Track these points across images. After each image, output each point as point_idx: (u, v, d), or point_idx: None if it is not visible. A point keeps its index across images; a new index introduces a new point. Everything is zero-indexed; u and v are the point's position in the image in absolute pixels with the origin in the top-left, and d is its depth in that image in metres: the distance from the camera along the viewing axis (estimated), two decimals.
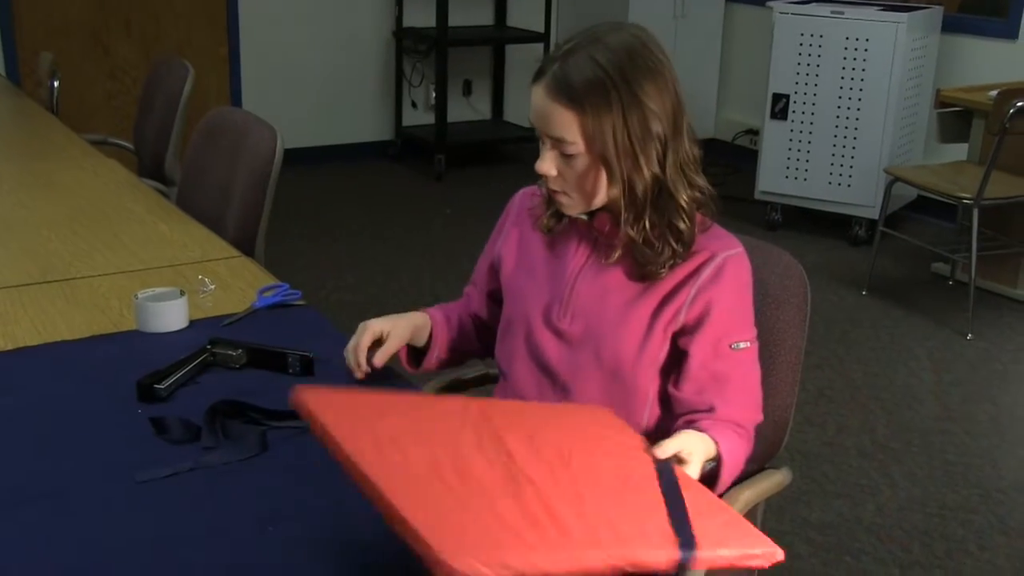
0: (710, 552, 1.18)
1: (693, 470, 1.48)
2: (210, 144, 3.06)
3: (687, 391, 1.65)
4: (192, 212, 2.79)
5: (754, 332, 1.67)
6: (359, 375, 1.72)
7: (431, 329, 1.84)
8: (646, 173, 1.58)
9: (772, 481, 1.83)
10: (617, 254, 1.66)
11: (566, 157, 1.58)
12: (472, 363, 2.05)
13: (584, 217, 1.69)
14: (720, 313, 1.62)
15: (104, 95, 6.05)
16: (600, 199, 1.62)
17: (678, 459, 1.47)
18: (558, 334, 1.70)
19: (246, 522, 1.37)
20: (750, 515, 1.86)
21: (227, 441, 1.58)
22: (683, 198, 1.61)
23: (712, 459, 1.56)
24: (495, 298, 1.87)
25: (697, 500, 1.30)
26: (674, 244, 1.61)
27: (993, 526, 3.03)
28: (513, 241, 1.78)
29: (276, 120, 2.88)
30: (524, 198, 1.82)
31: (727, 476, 1.59)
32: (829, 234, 5.49)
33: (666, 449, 1.45)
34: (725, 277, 1.62)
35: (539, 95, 1.57)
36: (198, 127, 3.14)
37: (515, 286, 1.77)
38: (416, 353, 1.86)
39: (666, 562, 1.16)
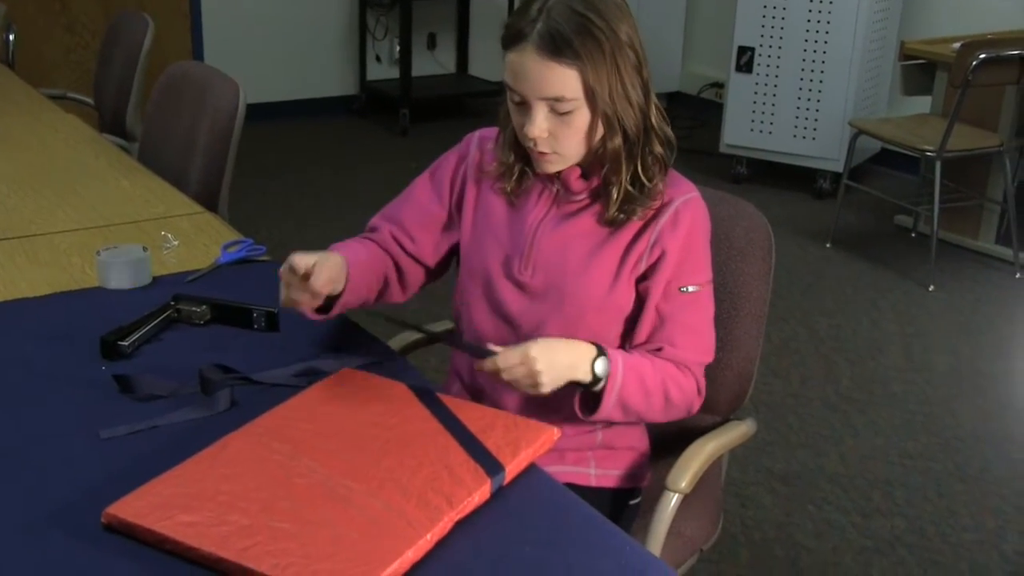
0: (513, 463, 1.36)
1: (547, 377, 1.52)
2: (171, 99, 3.02)
3: (639, 335, 1.67)
4: (154, 168, 2.76)
5: (708, 275, 1.68)
6: (309, 305, 1.61)
7: (347, 274, 1.69)
8: (637, 117, 1.59)
9: (737, 432, 1.84)
10: (583, 204, 1.66)
11: (561, 115, 1.56)
12: (440, 319, 2.05)
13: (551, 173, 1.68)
14: (673, 257, 1.63)
15: (62, 49, 5.95)
16: (592, 151, 1.61)
17: (527, 370, 1.51)
18: (519, 286, 1.70)
19: None
20: (715, 466, 1.88)
21: (194, 398, 1.57)
22: (660, 140, 1.62)
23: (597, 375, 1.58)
24: (422, 244, 1.80)
25: (474, 420, 1.45)
26: (650, 187, 1.62)
27: (952, 473, 3.07)
28: (471, 195, 1.77)
29: (238, 74, 2.85)
30: (479, 154, 1.77)
31: (621, 391, 1.59)
32: (794, 187, 5.51)
33: (507, 358, 1.51)
34: (681, 222, 1.63)
35: (528, 58, 1.53)
36: (159, 82, 3.10)
37: (473, 239, 1.75)
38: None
39: (486, 494, 1.31)
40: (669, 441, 1.85)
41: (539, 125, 1.57)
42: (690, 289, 1.64)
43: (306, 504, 1.26)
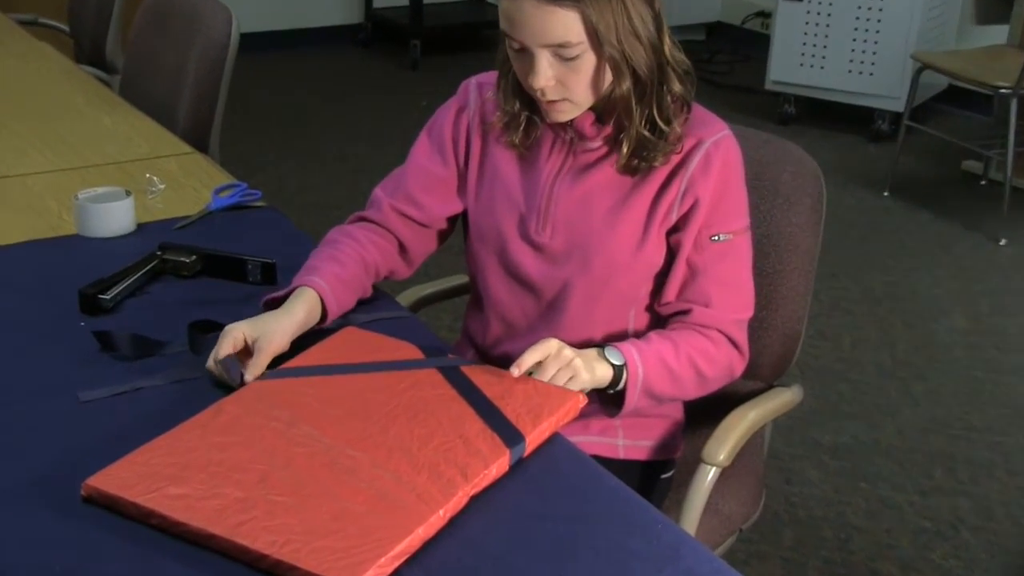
0: (534, 432, 1.38)
1: (580, 359, 1.54)
2: (157, 27, 3.02)
3: (668, 292, 1.67)
4: (138, 103, 2.77)
5: (744, 222, 1.67)
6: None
7: (322, 304, 1.64)
8: (649, 55, 1.57)
9: (781, 400, 1.85)
10: (601, 152, 1.65)
11: (567, 61, 1.55)
12: (455, 272, 2.05)
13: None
14: (706, 204, 1.62)
15: None
16: (603, 95, 1.60)
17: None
18: (537, 248, 1.70)
19: None
20: (756, 437, 1.88)
21: (182, 357, 1.58)
22: (678, 75, 1.61)
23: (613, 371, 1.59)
24: (430, 210, 1.81)
25: (491, 385, 1.47)
26: (668, 131, 1.61)
27: (1023, 448, 3.07)
28: (476, 150, 1.76)
29: (231, 1, 2.84)
30: (479, 102, 1.75)
31: (646, 380, 1.60)
32: (848, 129, 5.48)
33: (523, 363, 1.50)
34: (713, 165, 1.62)
35: (527, 5, 1.51)
36: (143, 7, 3.10)
37: (482, 199, 1.75)
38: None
39: (504, 466, 1.32)
40: (706, 409, 1.85)
41: (544, 74, 1.55)
42: (721, 238, 1.64)
43: (307, 476, 1.27)
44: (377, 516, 1.20)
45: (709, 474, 1.68)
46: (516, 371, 1.49)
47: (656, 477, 1.80)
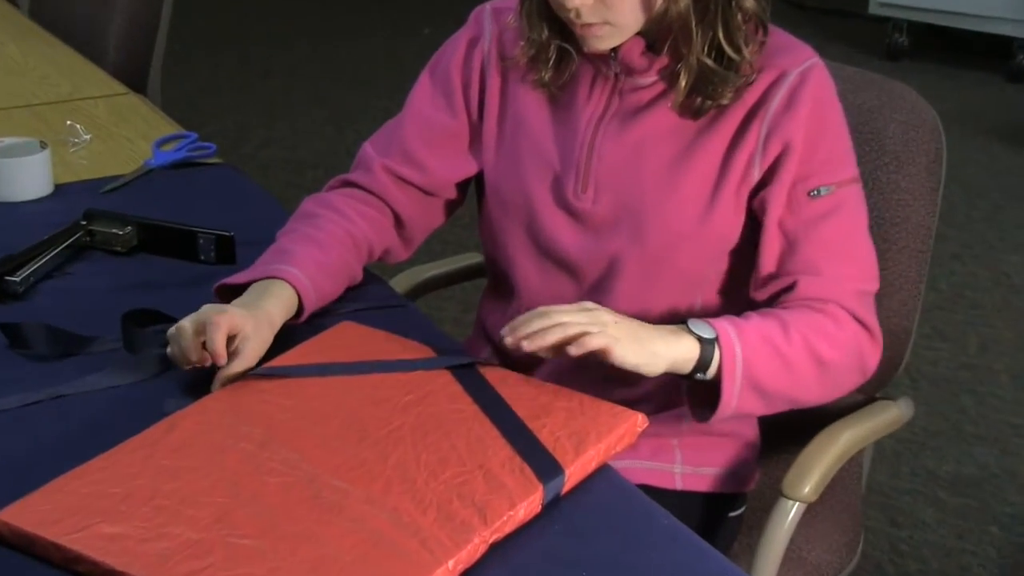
0: (577, 463, 1.36)
1: (619, 331, 1.50)
2: None
3: (763, 267, 1.66)
4: (55, 29, 2.78)
5: (851, 171, 1.66)
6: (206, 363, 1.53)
7: (298, 300, 1.66)
8: None
9: (884, 417, 1.85)
10: (656, 91, 1.66)
11: None
12: (461, 252, 2.06)
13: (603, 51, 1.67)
14: (798, 150, 1.61)
15: None
16: (654, 16, 1.61)
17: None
18: (576, 217, 1.71)
19: None
20: (852, 465, 1.89)
21: (115, 357, 1.59)
22: None
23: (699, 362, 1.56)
24: (435, 171, 1.81)
25: (523, 399, 1.46)
26: (739, 60, 1.61)
27: None
28: (493, 94, 1.77)
29: None
30: (496, 31, 1.76)
31: (747, 366, 1.56)
32: (978, 65, 5.46)
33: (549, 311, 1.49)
34: (802, 100, 1.62)
35: None
36: None
37: (502, 156, 1.76)
38: None
39: (536, 506, 1.31)
40: (787, 427, 1.86)
41: None
42: (822, 192, 1.63)
43: (280, 512, 1.27)
44: (367, 566, 1.20)
45: (791, 512, 1.69)
46: (509, 339, 1.49)
47: (723, 515, 1.81)
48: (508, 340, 1.49)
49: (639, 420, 1.45)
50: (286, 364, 1.53)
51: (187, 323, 1.50)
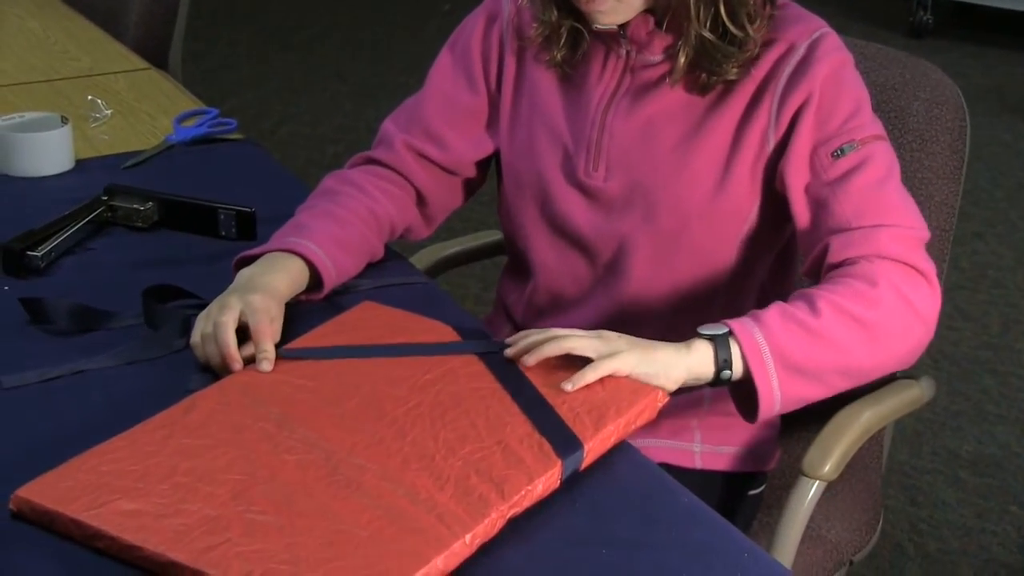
0: (597, 438, 1.36)
1: (625, 341, 1.48)
2: None
3: (800, 240, 1.65)
4: (76, 3, 2.78)
5: (876, 129, 1.64)
6: (235, 368, 1.51)
7: (311, 275, 1.66)
8: None
9: (905, 397, 1.84)
10: (666, 68, 1.66)
11: None
12: (482, 229, 2.06)
13: (611, 27, 1.67)
14: (812, 118, 1.61)
15: None
16: None
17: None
18: (588, 194, 1.71)
19: None
20: (872, 444, 1.89)
21: (135, 332, 1.60)
22: None
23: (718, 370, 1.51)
24: (456, 149, 1.81)
25: (542, 374, 1.46)
26: (742, 36, 1.60)
27: None
28: (510, 73, 1.77)
29: None
30: (514, 11, 1.76)
31: (773, 344, 1.50)
32: (1002, 43, 5.43)
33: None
34: (813, 68, 1.61)
35: None
36: None
37: (517, 134, 1.76)
38: None
39: (554, 480, 1.31)
40: (806, 407, 1.86)
41: None
42: (846, 150, 1.61)
43: (297, 489, 1.27)
44: (384, 542, 1.20)
45: (811, 490, 1.69)
46: (511, 351, 1.48)
47: (743, 493, 1.81)
48: (509, 352, 1.48)
49: (660, 396, 1.45)
50: (307, 346, 1.53)
51: (198, 339, 1.52)
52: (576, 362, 1.46)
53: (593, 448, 1.36)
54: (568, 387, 1.42)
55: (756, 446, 1.81)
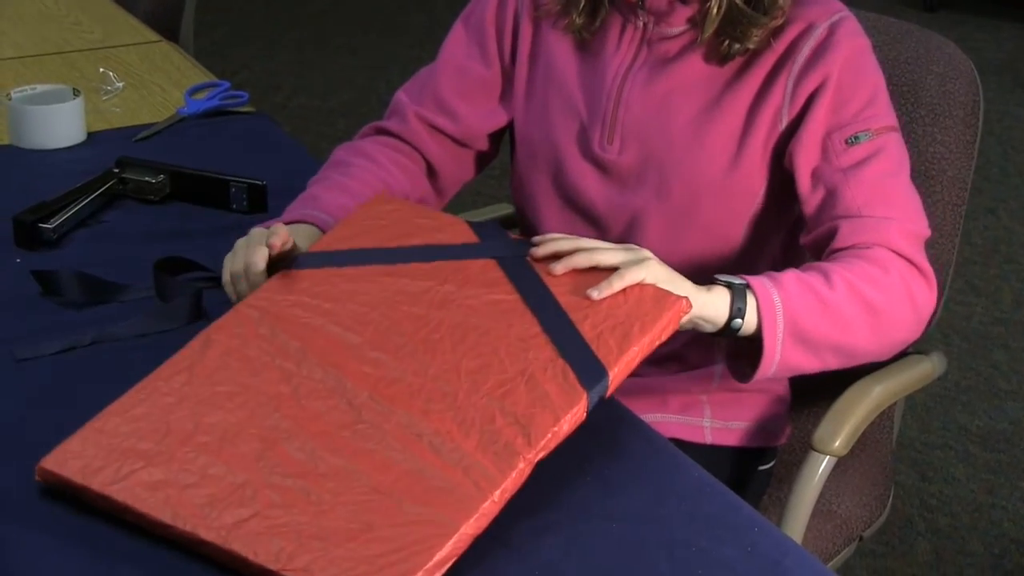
0: (621, 362, 1.32)
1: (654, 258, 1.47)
2: None
3: (805, 221, 1.65)
4: None
5: (889, 120, 1.64)
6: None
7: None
8: None
9: (916, 372, 1.84)
10: (685, 40, 1.65)
11: None
12: (494, 202, 2.05)
13: None
14: (828, 98, 1.61)
15: None
16: None
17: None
18: (602, 167, 1.71)
19: None
20: (883, 420, 1.89)
21: (146, 305, 1.61)
22: None
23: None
24: (468, 120, 1.80)
25: (569, 291, 1.41)
26: (768, 1, 1.60)
27: None
28: (525, 42, 1.76)
29: None
30: None
31: (788, 310, 1.50)
32: (1017, 17, 5.41)
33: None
34: (830, 51, 1.61)
35: None
36: None
37: (531, 105, 1.76)
38: None
39: (580, 415, 1.28)
40: (818, 382, 1.86)
41: None
42: (861, 139, 1.62)
43: (322, 443, 1.26)
44: (413, 505, 1.19)
45: (821, 465, 1.69)
46: (540, 250, 1.46)
47: (753, 468, 1.81)
48: (536, 252, 1.46)
49: (684, 304, 1.39)
50: (326, 249, 1.51)
51: (227, 278, 1.53)
52: (599, 271, 1.43)
53: (618, 375, 1.32)
54: (595, 294, 1.39)
55: (766, 421, 1.81)
